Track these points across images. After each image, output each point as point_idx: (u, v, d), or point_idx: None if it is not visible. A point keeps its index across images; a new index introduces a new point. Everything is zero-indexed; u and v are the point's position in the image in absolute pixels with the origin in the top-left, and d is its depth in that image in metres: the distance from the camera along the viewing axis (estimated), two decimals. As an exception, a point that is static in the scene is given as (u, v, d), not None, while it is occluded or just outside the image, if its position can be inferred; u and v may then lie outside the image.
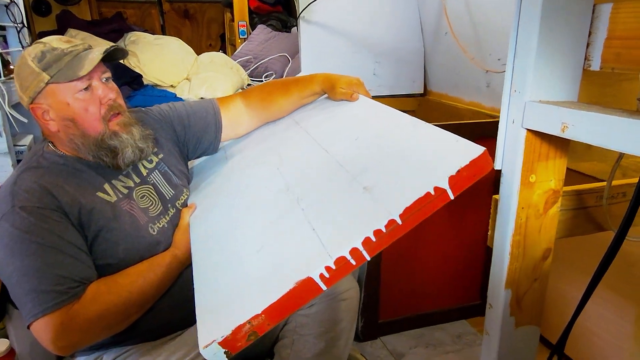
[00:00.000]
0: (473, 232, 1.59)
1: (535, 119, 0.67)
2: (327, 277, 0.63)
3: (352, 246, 0.63)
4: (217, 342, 0.61)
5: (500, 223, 0.76)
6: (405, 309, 1.60)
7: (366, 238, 0.63)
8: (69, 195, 0.90)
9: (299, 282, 0.62)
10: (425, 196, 0.64)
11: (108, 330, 0.89)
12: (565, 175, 0.76)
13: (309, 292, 0.63)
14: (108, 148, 0.95)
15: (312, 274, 0.62)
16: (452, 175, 0.64)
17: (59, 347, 0.83)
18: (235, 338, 0.62)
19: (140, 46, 2.22)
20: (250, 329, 0.62)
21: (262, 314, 0.62)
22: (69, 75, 0.90)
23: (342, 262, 0.63)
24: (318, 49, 1.77)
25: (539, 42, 0.66)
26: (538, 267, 0.79)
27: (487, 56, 1.56)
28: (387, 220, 0.63)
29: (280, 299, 0.62)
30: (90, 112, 0.92)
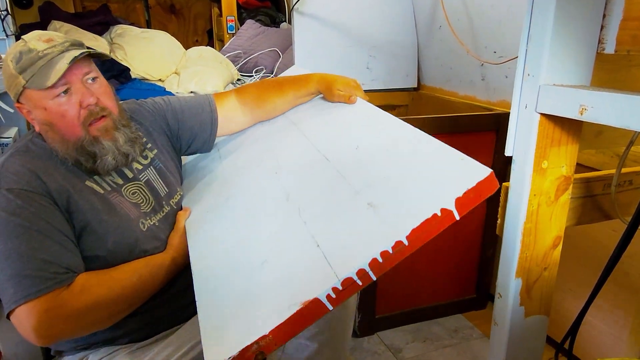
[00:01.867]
0: (469, 225, 1.58)
1: (550, 103, 0.66)
2: (334, 298, 0.62)
3: (359, 267, 0.62)
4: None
5: (511, 211, 0.75)
6: (402, 303, 1.59)
7: (373, 259, 0.62)
8: (58, 182, 0.86)
9: (306, 302, 0.61)
10: (432, 217, 0.63)
11: (94, 324, 0.85)
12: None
13: (315, 313, 0.62)
14: (87, 154, 0.90)
15: (319, 295, 0.62)
16: (458, 197, 0.63)
17: (41, 335, 0.78)
18: (243, 358, 0.61)
19: (127, 39, 2.17)
20: (257, 349, 0.62)
21: (269, 334, 0.61)
22: (38, 83, 0.85)
23: (349, 283, 0.62)
24: (311, 41, 1.75)
25: (554, 24, 0.64)
26: (548, 256, 0.78)
27: (482, 49, 1.55)
28: (394, 242, 0.62)
29: (287, 320, 0.61)
30: (67, 118, 0.87)
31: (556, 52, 0.66)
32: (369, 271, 0.62)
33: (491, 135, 1.47)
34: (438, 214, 0.63)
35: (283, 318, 0.61)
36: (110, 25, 2.26)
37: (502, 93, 1.53)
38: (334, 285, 0.62)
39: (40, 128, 0.90)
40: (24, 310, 0.77)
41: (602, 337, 1.27)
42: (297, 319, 0.62)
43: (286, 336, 0.62)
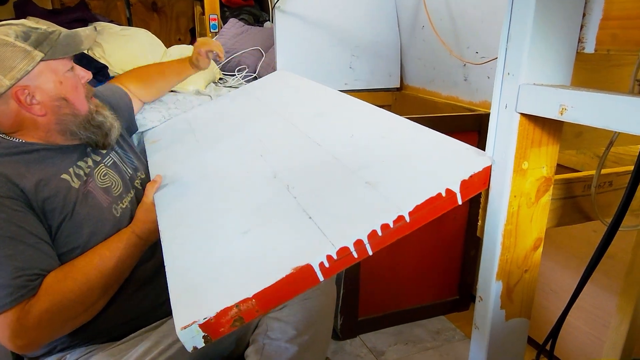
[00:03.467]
0: (451, 226, 1.57)
1: (530, 102, 0.64)
2: (327, 267, 0.58)
3: (357, 237, 0.59)
4: (198, 324, 0.55)
5: (492, 212, 0.74)
6: (384, 306, 1.57)
7: (373, 231, 0.59)
8: (31, 181, 0.85)
9: (297, 268, 0.57)
10: (436, 197, 0.62)
11: (71, 320, 0.83)
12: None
13: (305, 281, 0.58)
14: (97, 126, 0.98)
15: (312, 262, 0.57)
16: (464, 180, 0.63)
17: (19, 345, 0.78)
18: (219, 322, 0.55)
19: (105, 36, 2.12)
20: (237, 314, 0.56)
21: (252, 298, 0.56)
22: (68, 50, 0.91)
23: (344, 254, 0.59)
24: (294, 40, 1.73)
25: (534, 23, 0.63)
26: (529, 258, 0.77)
27: (465, 49, 1.55)
28: (397, 216, 0.60)
29: (274, 284, 0.56)
30: (79, 91, 0.95)
31: (536, 51, 0.64)
32: (366, 243, 0.60)
33: (473, 136, 1.47)
34: (443, 194, 0.63)
35: (270, 282, 0.56)
36: (89, 22, 2.21)
37: (484, 93, 1.52)
38: (329, 253, 0.58)
39: (50, 106, 0.91)
40: (2, 317, 0.76)
41: (583, 337, 1.27)
42: (285, 285, 0.57)
43: (270, 303, 0.57)
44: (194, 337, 0.55)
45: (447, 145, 0.75)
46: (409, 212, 0.61)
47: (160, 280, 0.99)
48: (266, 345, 1.00)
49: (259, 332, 1.04)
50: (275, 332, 1.01)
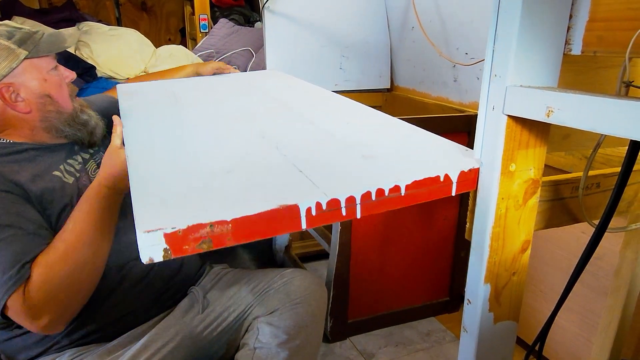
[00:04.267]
0: (441, 227, 1.57)
1: (517, 104, 0.64)
2: (313, 216, 0.55)
3: (350, 194, 0.57)
4: (164, 232, 0.50)
5: (479, 215, 0.73)
6: (374, 307, 1.57)
7: (367, 192, 0.58)
8: (26, 177, 0.88)
9: (283, 206, 0.54)
10: (434, 178, 0.61)
11: (76, 286, 0.82)
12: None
13: (287, 223, 0.55)
14: (82, 124, 1.00)
15: (300, 204, 0.54)
16: (463, 171, 0.64)
17: (42, 325, 0.80)
18: (186, 238, 0.51)
19: (93, 36, 2.09)
20: (207, 234, 0.52)
21: (230, 222, 0.52)
22: (52, 48, 0.93)
23: (333, 206, 0.56)
24: (283, 41, 1.72)
25: (521, 25, 0.63)
26: (517, 260, 0.76)
27: (454, 50, 1.55)
28: (394, 185, 0.59)
29: (256, 215, 0.53)
30: (63, 89, 0.97)
31: (523, 53, 0.64)
32: (357, 203, 0.57)
33: (463, 137, 1.47)
34: (441, 178, 0.63)
35: (252, 211, 0.53)
36: (76, 22, 2.18)
37: (473, 95, 1.52)
38: (319, 200, 0.55)
39: (35, 104, 0.93)
40: (11, 303, 0.78)
41: (572, 338, 1.28)
42: (266, 220, 0.53)
43: (245, 234, 0.53)
44: (154, 247, 0.51)
45: (438, 143, 0.77)
46: (406, 184, 0.60)
47: (154, 279, 1.00)
48: (257, 349, 1.00)
49: (249, 336, 1.03)
50: (266, 336, 1.01)
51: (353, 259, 1.45)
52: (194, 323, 1.03)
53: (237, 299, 1.08)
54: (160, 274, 1.03)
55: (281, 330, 1.01)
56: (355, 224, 1.42)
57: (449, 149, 0.76)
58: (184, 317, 1.02)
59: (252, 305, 1.07)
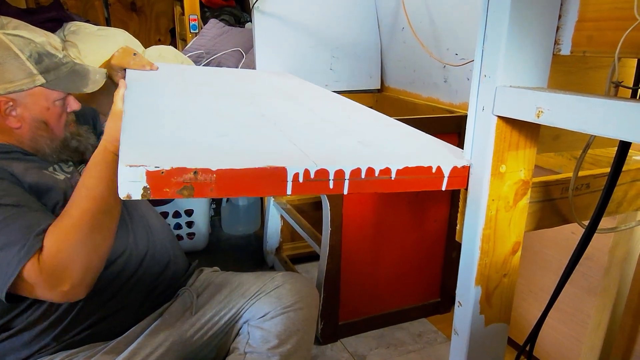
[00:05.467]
0: (432, 229, 1.57)
1: (506, 105, 0.63)
2: (299, 183, 0.56)
3: (339, 167, 0.57)
4: (147, 169, 0.50)
5: (470, 216, 0.73)
6: (365, 309, 1.56)
7: (357, 169, 0.58)
8: (19, 169, 0.89)
9: (271, 167, 0.54)
10: (427, 168, 0.62)
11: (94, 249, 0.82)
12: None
13: (273, 185, 0.55)
14: (72, 150, 1.01)
15: (288, 167, 0.55)
16: (456, 167, 0.64)
17: (63, 292, 0.79)
18: (169, 180, 0.51)
19: (81, 36, 2.07)
20: (191, 180, 0.52)
21: (215, 172, 0.52)
22: (70, 87, 0.96)
23: (322, 176, 0.56)
24: (273, 41, 1.71)
25: (510, 24, 0.62)
26: (507, 262, 0.76)
27: (444, 51, 1.55)
28: (385, 167, 0.59)
29: (243, 170, 0.53)
30: (61, 120, 0.99)
31: (512, 53, 0.64)
32: (346, 178, 0.58)
33: (453, 138, 1.47)
34: (433, 170, 0.64)
35: (237, 166, 0.53)
36: (64, 21, 2.15)
37: (464, 95, 1.52)
38: (308, 167, 0.56)
39: (29, 124, 0.94)
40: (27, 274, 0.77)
41: (562, 338, 1.28)
42: (252, 178, 0.53)
43: (228, 188, 0.53)
44: (134, 183, 0.50)
45: (431, 142, 0.78)
46: (397, 168, 0.60)
47: (143, 275, 1.01)
48: (247, 354, 0.99)
49: (240, 340, 1.02)
50: (257, 341, 1.00)
51: (344, 260, 1.44)
52: (184, 327, 1.01)
53: (228, 302, 1.07)
54: (149, 269, 1.03)
55: (272, 334, 1.00)
56: (346, 226, 1.41)
57: (441, 148, 0.76)
58: (174, 322, 1.01)
59: (243, 309, 1.06)
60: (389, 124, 0.91)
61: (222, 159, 0.55)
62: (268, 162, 0.55)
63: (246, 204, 2.24)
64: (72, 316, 0.90)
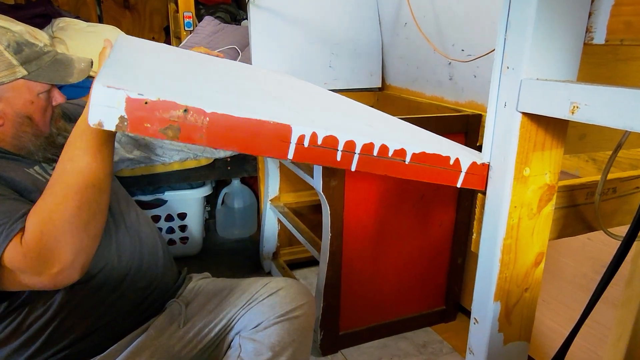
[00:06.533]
0: (437, 233, 1.50)
1: (534, 100, 0.56)
2: (304, 147, 0.49)
3: (349, 138, 0.51)
4: (127, 95, 0.42)
5: (489, 225, 0.65)
6: (367, 318, 1.49)
7: (369, 144, 0.52)
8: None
9: (275, 122, 0.47)
10: (444, 158, 0.57)
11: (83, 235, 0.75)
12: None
13: (274, 143, 0.48)
14: (59, 147, 0.91)
15: (293, 126, 0.48)
16: (475, 163, 0.59)
17: (52, 274, 0.73)
18: (152, 114, 0.43)
19: (69, 33, 1.99)
20: (178, 119, 0.43)
21: (208, 115, 0.44)
22: (55, 78, 0.89)
23: (329, 144, 0.50)
24: (270, 38, 1.63)
25: (538, 9, 0.55)
26: (529, 275, 0.69)
27: (449, 47, 1.47)
28: (400, 148, 0.54)
29: (241, 120, 0.45)
30: (47, 113, 0.93)
31: (540, 41, 0.56)
32: (356, 152, 0.51)
33: (460, 138, 1.39)
34: (451, 161, 0.58)
35: (235, 114, 0.45)
36: (52, 17, 2.07)
37: (470, 93, 1.45)
38: (315, 131, 0.49)
39: (12, 121, 0.88)
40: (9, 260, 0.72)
41: (579, 352, 1.21)
42: (250, 131, 0.46)
43: (222, 139, 0.45)
44: (110, 110, 0.42)
45: (446, 142, 0.73)
46: (413, 152, 0.55)
47: (127, 289, 0.95)
48: None
49: (231, 354, 0.96)
50: (249, 354, 0.93)
51: (344, 267, 1.37)
52: (171, 342, 0.94)
53: (219, 312, 1.01)
54: (134, 284, 0.97)
55: (265, 346, 0.93)
56: (347, 230, 1.33)
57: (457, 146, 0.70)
58: (159, 336, 0.93)
59: (234, 319, 1.00)
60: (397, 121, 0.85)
61: (219, 104, 0.47)
62: (272, 118, 0.47)
63: (242, 207, 2.16)
64: (47, 334, 0.83)
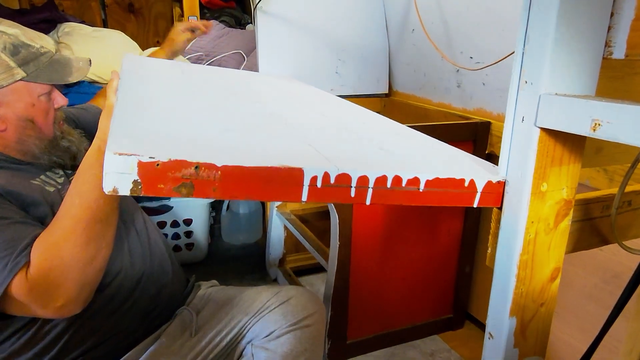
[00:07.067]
0: (445, 240, 1.49)
1: (553, 116, 0.55)
2: (317, 188, 0.48)
3: (363, 173, 0.50)
4: (139, 159, 0.42)
5: (505, 240, 0.64)
6: (375, 326, 1.48)
7: (383, 176, 0.51)
8: (2, 181, 0.81)
9: (286, 167, 0.46)
10: (459, 181, 0.55)
11: (87, 270, 0.75)
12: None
13: (287, 187, 0.47)
14: (63, 150, 0.94)
15: (305, 168, 0.47)
16: (490, 181, 0.57)
17: (56, 307, 0.73)
18: (165, 174, 0.43)
19: (75, 38, 1.99)
20: (191, 176, 0.43)
21: (220, 169, 0.44)
22: (54, 78, 0.89)
23: (342, 182, 0.49)
24: (277, 43, 1.62)
25: (557, 23, 0.54)
26: (545, 290, 0.68)
27: (458, 54, 1.47)
28: (413, 177, 0.52)
29: (252, 169, 0.45)
30: (50, 116, 0.92)
31: (560, 56, 0.56)
32: (370, 187, 0.50)
33: (468, 146, 1.39)
34: (466, 183, 0.56)
35: (248, 163, 0.45)
36: (57, 22, 2.07)
37: (479, 101, 1.44)
38: (328, 170, 0.48)
39: (15, 124, 0.87)
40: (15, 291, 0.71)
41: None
42: (262, 178, 0.45)
43: (236, 190, 0.45)
44: (123, 175, 0.42)
45: (459, 154, 0.71)
46: (427, 179, 0.54)
47: (140, 297, 0.94)
48: None
49: None
50: None
51: (352, 276, 1.36)
52: (183, 351, 0.94)
53: (230, 321, 1.00)
54: (146, 291, 0.97)
55: (278, 355, 0.93)
56: (355, 239, 1.32)
57: (471, 161, 0.68)
58: (172, 345, 0.93)
59: (246, 327, 0.99)
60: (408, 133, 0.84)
61: (229, 154, 0.47)
62: (282, 162, 0.47)
63: (247, 212, 2.15)
64: (61, 345, 0.82)
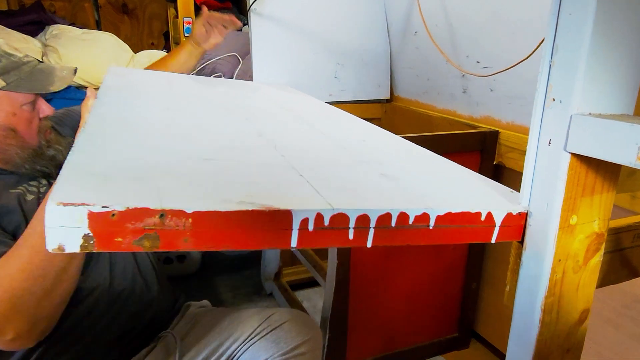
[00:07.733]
0: (450, 256, 1.41)
1: (587, 140, 0.47)
2: (309, 232, 0.41)
3: (362, 212, 0.42)
4: (89, 210, 0.34)
5: (527, 280, 0.56)
6: (376, 348, 1.40)
7: (386, 214, 0.43)
8: None
9: (271, 209, 0.39)
10: (474, 215, 0.48)
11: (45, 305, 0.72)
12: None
13: (273, 234, 0.40)
14: (48, 159, 0.92)
15: (294, 210, 0.40)
16: (510, 214, 0.50)
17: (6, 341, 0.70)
18: (123, 225, 0.35)
19: (63, 41, 1.90)
20: (155, 227, 0.36)
21: (190, 216, 0.37)
22: (35, 87, 0.87)
23: (339, 224, 0.42)
24: (272, 47, 1.54)
25: (594, 32, 0.46)
26: (572, 335, 0.60)
27: (463, 58, 1.38)
28: (422, 213, 0.45)
29: (229, 214, 0.38)
30: (33, 125, 0.90)
31: (595, 69, 0.47)
32: (371, 227, 0.43)
33: (475, 156, 1.30)
34: (482, 217, 0.49)
35: (224, 207, 0.38)
36: (45, 24, 1.99)
37: (486, 108, 1.36)
38: (321, 211, 0.40)
39: None
40: None
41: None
42: (242, 225, 0.38)
43: (210, 240, 0.38)
44: (71, 230, 0.34)
45: (475, 179, 0.64)
46: (438, 215, 0.46)
47: (118, 313, 0.89)
48: None
49: None
50: None
51: (352, 295, 1.28)
52: None
53: (218, 348, 0.94)
54: (126, 308, 0.91)
55: None
56: (354, 256, 1.24)
57: (483, 184, 0.61)
58: None
59: (235, 355, 0.93)
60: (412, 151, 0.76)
61: (203, 195, 0.40)
62: (266, 202, 0.39)
63: (243, 222, 2.07)
64: None
